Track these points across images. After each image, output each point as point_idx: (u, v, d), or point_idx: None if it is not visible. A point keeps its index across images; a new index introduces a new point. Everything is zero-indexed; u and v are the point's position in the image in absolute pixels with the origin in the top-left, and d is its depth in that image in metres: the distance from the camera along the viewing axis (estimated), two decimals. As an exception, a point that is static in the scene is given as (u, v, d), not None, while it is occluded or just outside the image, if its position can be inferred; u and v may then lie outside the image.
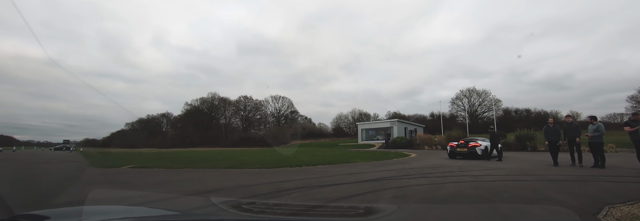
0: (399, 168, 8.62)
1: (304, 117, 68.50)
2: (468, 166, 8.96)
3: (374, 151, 21.26)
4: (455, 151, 12.76)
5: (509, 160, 11.67)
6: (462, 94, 49.39)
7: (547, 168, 8.24)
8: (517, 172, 7.42)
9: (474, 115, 48.28)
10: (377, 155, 15.56)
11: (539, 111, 48.23)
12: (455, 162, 11.04)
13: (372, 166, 9.42)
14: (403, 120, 33.33)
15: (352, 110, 58.46)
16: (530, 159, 11.72)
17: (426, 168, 8.72)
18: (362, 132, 33.56)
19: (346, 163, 11.22)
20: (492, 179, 6.18)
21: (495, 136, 12.09)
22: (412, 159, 12.87)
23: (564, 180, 6.09)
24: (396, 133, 29.37)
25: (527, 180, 6.10)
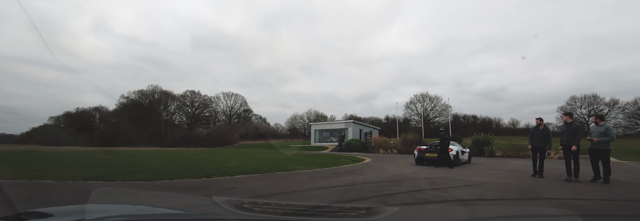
0: (346, 183, 5.88)
1: (259, 117, 64.33)
2: (439, 180, 6.51)
3: (325, 154, 18.61)
4: (424, 156, 10.73)
5: (477, 168, 9.62)
6: (415, 99, 49.45)
7: (549, 185, 6.03)
8: (512, 191, 5.06)
9: (427, 120, 48.46)
10: (327, 160, 12.83)
11: (484, 117, 50.00)
12: (421, 170, 8.67)
13: (312, 179, 6.57)
14: (358, 121, 31.36)
15: (308, 111, 55.89)
16: (500, 167, 9.82)
17: (384, 182, 6.08)
18: (315, 133, 30.93)
19: (283, 171, 8.34)
20: (490, 208, 3.66)
21: (446, 140, 10.22)
22: (366, 166, 10.30)
23: (597, 207, 3.77)
24: (351, 135, 27.18)
25: (544, 214, 3.65)
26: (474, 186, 5.62)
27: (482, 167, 9.91)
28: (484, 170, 9.02)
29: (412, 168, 9.61)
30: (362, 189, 5.08)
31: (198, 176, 6.63)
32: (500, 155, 16.61)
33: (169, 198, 4.16)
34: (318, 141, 30.61)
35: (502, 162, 12.12)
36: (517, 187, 5.55)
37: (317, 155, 17.97)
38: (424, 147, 11.26)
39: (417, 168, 9.38)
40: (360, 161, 13.00)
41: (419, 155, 10.81)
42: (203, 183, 5.86)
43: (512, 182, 6.20)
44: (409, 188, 5.34)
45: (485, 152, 16.56)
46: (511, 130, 42.37)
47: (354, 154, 19.41)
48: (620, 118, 43.51)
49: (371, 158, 15.13)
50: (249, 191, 4.92)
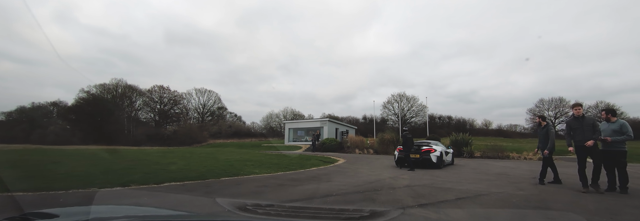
0: (302, 197, 4.33)
1: (234, 115, 61.52)
2: (425, 189, 5.09)
3: (296, 155, 16.99)
4: (406, 158, 9.41)
5: (462, 172, 8.40)
6: (393, 99, 48.93)
7: (563, 197, 4.75)
8: (525, 207, 3.70)
9: (404, 120, 48.08)
10: (294, 161, 11.25)
11: (459, 118, 50.39)
12: (400, 175, 7.27)
13: (259, 190, 4.98)
14: (335, 120, 29.98)
15: (284, 109, 53.89)
16: (487, 170, 8.66)
17: (353, 194, 4.58)
18: (289, 131, 29.21)
19: (233, 175, 6.74)
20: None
21: (409, 140, 9.30)
22: (336, 170, 8.81)
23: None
24: (326, 134, 25.72)
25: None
26: (469, 199, 4.24)
27: (468, 170, 8.71)
28: (471, 174, 7.79)
29: (390, 171, 8.22)
30: (319, 210, 3.54)
31: (107, 185, 4.82)
32: (479, 155, 15.75)
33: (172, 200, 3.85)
34: (292, 140, 28.92)
35: (486, 164, 11.06)
36: (526, 200, 4.23)
37: (287, 155, 16.33)
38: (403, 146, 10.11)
39: (396, 172, 8.00)
40: (331, 162, 11.52)
41: (400, 156, 9.67)
42: (100, 195, 4.08)
43: (515, 193, 4.88)
44: (386, 203, 3.87)
45: (465, 152, 15.64)
46: (484, 130, 42.78)
47: (328, 154, 17.94)
48: (583, 120, 45.01)
49: (345, 159, 13.71)
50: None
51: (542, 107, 47.14)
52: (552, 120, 46.74)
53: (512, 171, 8.51)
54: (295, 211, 2.98)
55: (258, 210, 2.72)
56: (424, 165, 9.40)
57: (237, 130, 50.51)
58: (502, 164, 11.10)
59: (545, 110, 47.19)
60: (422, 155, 9.45)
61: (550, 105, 46.85)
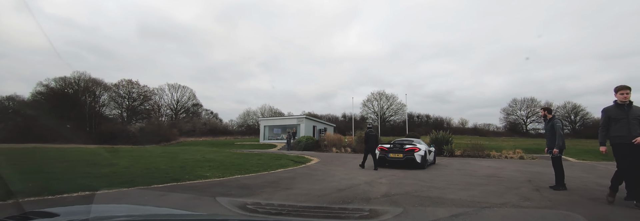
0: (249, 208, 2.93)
1: (210, 112, 58.81)
2: (408, 201, 3.90)
3: (268, 153, 15.58)
4: (387, 157, 8.83)
5: (447, 173, 7.35)
6: (373, 97, 48.32)
7: (593, 210, 3.68)
8: None
9: (383, 118, 47.62)
10: (262, 162, 9.91)
11: (436, 117, 50.62)
12: (378, 178, 6.08)
13: (185, 202, 3.55)
14: (312, 117, 28.71)
15: (262, 106, 51.94)
16: (473, 171, 7.68)
17: (314, 210, 3.28)
18: (265, 129, 27.64)
19: (173, 181, 5.27)
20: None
21: (372, 138, 8.63)
22: (305, 172, 7.54)
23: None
24: (303, 131, 24.42)
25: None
26: (469, 216, 3.08)
27: (453, 172, 7.69)
28: (458, 176, 6.74)
29: (367, 174, 7.04)
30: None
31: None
32: (459, 154, 15.02)
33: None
34: (268, 138, 27.40)
35: (469, 164, 10.17)
36: (544, 218, 3.11)
37: (258, 154, 14.89)
38: (387, 145, 9.23)
39: (373, 175, 6.83)
40: (303, 163, 10.25)
41: (381, 156, 8.88)
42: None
43: (522, 204, 3.78)
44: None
45: (445, 151, 14.85)
46: (461, 129, 43.04)
47: (303, 153, 16.65)
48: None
49: (319, 159, 12.47)
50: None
51: (515, 107, 48.16)
52: (524, 120, 47.95)
53: (500, 172, 7.58)
54: (296, 210, 2.92)
55: (259, 209, 2.70)
56: (407, 166, 8.58)
57: (212, 128, 48.17)
58: (486, 164, 10.26)
59: (517, 110, 48.25)
60: (406, 154, 8.56)
61: (522, 105, 47.91)
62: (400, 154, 8.65)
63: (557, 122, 5.20)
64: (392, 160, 8.69)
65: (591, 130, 41.35)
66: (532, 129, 47.23)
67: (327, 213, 2.88)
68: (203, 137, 41.91)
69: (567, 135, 43.60)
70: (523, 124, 47.81)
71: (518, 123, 47.79)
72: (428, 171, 7.60)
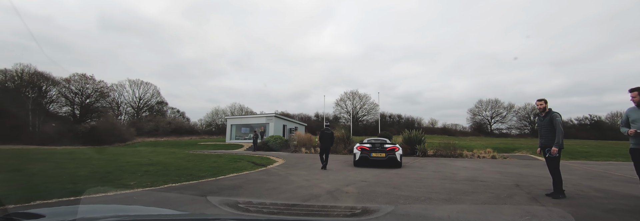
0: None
1: (176, 110, 55.16)
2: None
3: (230, 155, 14.02)
4: (370, 156, 8.60)
5: (423, 177, 6.37)
6: (346, 96, 47.69)
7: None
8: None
9: (356, 118, 47.16)
10: (216, 165, 8.49)
11: (407, 117, 51.03)
12: (344, 185, 4.92)
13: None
14: (283, 116, 27.24)
15: (232, 105, 49.41)
16: (452, 173, 6.78)
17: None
18: (231, 128, 25.77)
19: (72, 195, 3.74)
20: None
21: (328, 136, 8.31)
22: (260, 178, 6.25)
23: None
24: (272, 131, 22.94)
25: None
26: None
27: (430, 174, 6.74)
28: (437, 180, 5.77)
29: (332, 180, 5.87)
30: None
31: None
32: (432, 154, 14.40)
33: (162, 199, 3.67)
34: (235, 138, 25.56)
35: (444, 165, 9.37)
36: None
37: (218, 155, 13.29)
38: (367, 145, 8.96)
39: (339, 181, 5.67)
40: (264, 165, 8.93)
41: (362, 156, 8.67)
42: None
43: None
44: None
45: (418, 150, 14.15)
46: (431, 129, 43.57)
47: (269, 154, 15.24)
48: (514, 120, 48.49)
49: (284, 160, 11.20)
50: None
51: (480, 108, 49.72)
52: (489, 120, 49.65)
53: (481, 174, 6.74)
54: (288, 208, 2.88)
55: (250, 207, 2.77)
56: (388, 165, 8.51)
57: (177, 127, 45.03)
58: (461, 164, 9.52)
59: (483, 110, 49.85)
60: (388, 154, 8.47)
61: (487, 106, 49.59)
62: (383, 153, 8.50)
63: (556, 115, 4.33)
64: (374, 159, 8.47)
65: (548, 130, 43.58)
66: (496, 129, 49.02)
67: (319, 211, 2.84)
68: (167, 136, 38.92)
69: (526, 135, 45.73)
70: (488, 124, 49.49)
71: (483, 123, 49.41)
72: (402, 175, 6.58)
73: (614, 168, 8.79)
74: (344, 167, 8.62)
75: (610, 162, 11.16)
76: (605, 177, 6.58)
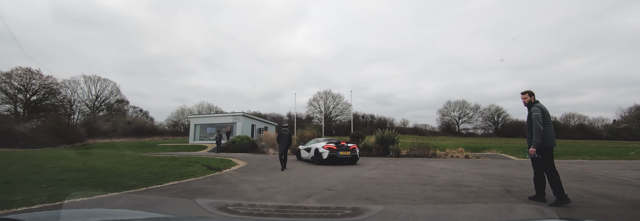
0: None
1: (139, 110, 51.18)
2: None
3: (186, 157, 12.45)
4: (338, 155, 9.18)
5: (397, 180, 5.44)
6: (319, 96, 46.78)
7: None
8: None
9: (329, 118, 46.38)
10: (164, 170, 7.13)
11: (380, 117, 51.16)
12: (307, 197, 3.82)
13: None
14: (251, 115, 25.64)
15: (200, 104, 46.69)
16: (430, 176, 5.94)
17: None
18: (195, 128, 23.80)
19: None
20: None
21: (285, 137, 8.33)
22: (201, 188, 5.00)
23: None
24: (239, 131, 21.37)
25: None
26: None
27: (406, 179, 5.83)
28: (415, 186, 4.84)
29: (293, 188, 4.76)
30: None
31: None
32: (405, 154, 13.75)
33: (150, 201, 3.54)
34: (199, 139, 23.63)
35: (420, 166, 8.59)
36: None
37: (173, 158, 11.67)
38: (333, 144, 9.40)
39: (299, 191, 4.58)
40: (219, 169, 7.65)
41: (332, 154, 9.09)
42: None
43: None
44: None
45: (391, 151, 13.42)
46: (403, 129, 43.85)
47: (233, 156, 13.80)
48: (480, 120, 50.26)
49: (246, 162, 9.94)
50: None
51: (449, 108, 51.03)
52: (456, 120, 51.05)
53: (462, 177, 5.95)
54: (278, 210, 2.84)
55: (240, 210, 2.71)
56: (352, 162, 9.38)
57: (138, 128, 41.63)
58: (437, 165, 8.80)
59: (451, 111, 51.17)
60: (352, 152, 9.34)
61: (455, 107, 51.00)
62: (348, 152, 9.23)
63: (534, 110, 3.66)
64: (342, 157, 9.09)
65: (509, 129, 45.54)
66: (464, 129, 50.49)
67: (310, 212, 2.80)
68: (126, 137, 35.73)
69: (491, 135, 47.52)
70: (456, 124, 50.87)
71: (452, 123, 50.71)
72: (376, 180, 5.60)
73: (589, 167, 8.49)
74: (308, 169, 7.54)
75: (579, 160, 11.06)
76: (592, 178, 6.05)
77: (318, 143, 9.92)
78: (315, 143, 10.16)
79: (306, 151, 10.68)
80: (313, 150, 9.84)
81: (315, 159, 9.56)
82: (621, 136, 38.12)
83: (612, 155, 12.46)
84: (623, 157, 11.83)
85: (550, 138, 3.55)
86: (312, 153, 9.94)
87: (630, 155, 12.31)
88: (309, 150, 10.33)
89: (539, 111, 3.61)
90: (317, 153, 9.42)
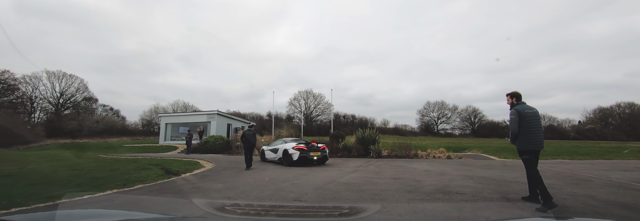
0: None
1: (109, 108, 47.95)
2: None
3: (148, 159, 11.20)
4: (309, 156, 8.65)
5: (378, 186, 4.68)
6: (300, 95, 45.84)
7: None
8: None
9: (309, 118, 45.54)
10: (109, 175, 6.04)
11: (361, 117, 50.89)
12: (270, 211, 2.94)
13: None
14: (227, 114, 24.29)
15: (174, 102, 44.36)
16: (414, 180, 5.23)
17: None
18: (166, 127, 22.20)
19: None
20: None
21: (250, 137, 8.30)
22: (138, 199, 3.97)
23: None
24: (214, 130, 20.08)
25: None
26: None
27: (389, 184, 5.08)
28: (401, 193, 4.09)
29: (254, 198, 3.85)
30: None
31: None
32: (387, 154, 13.14)
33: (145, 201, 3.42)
34: (170, 139, 22.06)
35: (402, 168, 7.91)
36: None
37: (132, 160, 10.38)
38: (303, 144, 8.84)
39: (263, 199, 3.67)
40: (178, 174, 6.60)
41: (302, 155, 8.55)
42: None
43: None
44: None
45: (372, 151, 12.74)
46: (384, 129, 43.68)
47: (203, 157, 12.64)
48: (457, 121, 51.17)
49: (214, 164, 8.93)
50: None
51: (428, 109, 51.62)
52: (435, 121, 51.67)
53: (450, 182, 5.27)
54: (275, 210, 2.78)
55: (237, 210, 2.67)
56: (321, 162, 8.97)
57: (107, 127, 38.99)
58: (421, 167, 8.17)
59: (430, 112, 51.75)
60: (322, 152, 8.93)
61: (434, 107, 51.66)
62: (319, 152, 8.80)
63: (511, 113, 3.75)
64: (313, 158, 8.61)
65: (485, 130, 46.63)
66: (442, 129, 51.19)
67: (307, 212, 2.74)
68: (93, 137, 33.21)
69: (469, 135, 48.44)
70: (435, 124, 51.52)
71: (431, 123, 51.30)
72: (354, 187, 4.81)
73: (574, 167, 8.16)
74: (278, 173, 6.65)
75: (560, 160, 10.85)
76: (587, 181, 5.56)
77: (286, 144, 9.20)
78: (283, 144, 9.40)
79: (272, 152, 9.85)
80: (281, 151, 9.09)
81: (284, 161, 8.80)
82: (587, 136, 39.85)
83: (589, 154, 12.42)
84: (600, 157, 11.79)
85: (531, 140, 3.55)
86: (279, 155, 9.19)
87: (624, 153, 12.40)
88: (276, 151, 9.53)
89: (516, 114, 3.65)
90: (287, 154, 8.70)
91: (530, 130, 3.57)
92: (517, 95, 3.85)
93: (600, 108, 46.23)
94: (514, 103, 3.84)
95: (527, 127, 3.58)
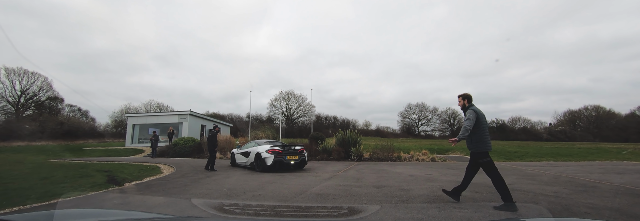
0: None
1: (77, 109, 44.65)
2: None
3: (101, 164, 9.79)
4: (285, 160, 7.64)
5: (363, 191, 3.78)
6: (281, 96, 44.61)
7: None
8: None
9: (291, 119, 44.39)
10: (40, 184, 4.61)
11: (343, 119, 50.33)
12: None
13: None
14: (201, 114, 22.74)
15: (148, 103, 41.79)
16: (399, 188, 4.38)
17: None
18: (134, 129, 20.43)
19: None
20: None
21: (212, 138, 8.17)
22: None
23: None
24: (186, 132, 18.60)
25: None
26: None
27: (372, 194, 4.22)
28: (387, 209, 3.20)
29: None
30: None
31: None
32: (368, 157, 12.35)
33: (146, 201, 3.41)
34: (138, 141, 20.31)
35: (386, 173, 7.08)
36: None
37: (80, 165, 8.95)
38: (279, 148, 7.84)
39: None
40: (123, 183, 5.43)
41: (278, 159, 7.59)
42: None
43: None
44: None
45: (353, 154, 11.90)
46: (365, 131, 43.27)
47: (168, 161, 11.32)
48: (438, 123, 51.66)
49: (175, 169, 7.75)
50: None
51: (409, 111, 51.84)
52: (416, 123, 51.95)
53: (440, 190, 4.45)
54: (274, 210, 2.74)
55: (235, 210, 2.64)
56: (298, 167, 8.13)
57: (73, 129, 36.00)
58: (406, 171, 7.38)
59: (412, 114, 52.00)
60: (300, 156, 8.02)
61: (415, 109, 51.95)
62: (296, 156, 7.93)
63: (469, 112, 3.65)
64: (289, 162, 7.73)
65: (464, 132, 47.34)
66: (423, 131, 51.48)
67: (306, 212, 2.70)
68: (55, 140, 30.56)
69: (448, 136, 48.99)
70: (416, 126, 51.77)
71: (412, 125, 51.48)
72: (330, 198, 3.88)
73: (565, 170, 7.67)
74: (243, 180, 5.62)
75: (546, 162, 10.45)
76: (593, 187, 4.92)
77: (259, 146, 8.16)
78: (255, 147, 8.35)
79: (243, 156, 8.75)
80: (253, 154, 7.99)
81: (256, 166, 7.76)
82: (558, 138, 41.17)
83: (571, 155, 12.20)
84: (583, 158, 11.57)
85: (487, 142, 3.54)
86: (251, 159, 8.08)
87: (622, 154, 12.23)
88: (247, 155, 8.43)
89: (474, 114, 3.60)
90: (260, 158, 7.62)
91: (485, 132, 3.57)
92: (468, 97, 3.86)
93: (570, 111, 48.09)
94: (466, 105, 3.84)
95: (482, 128, 3.58)
